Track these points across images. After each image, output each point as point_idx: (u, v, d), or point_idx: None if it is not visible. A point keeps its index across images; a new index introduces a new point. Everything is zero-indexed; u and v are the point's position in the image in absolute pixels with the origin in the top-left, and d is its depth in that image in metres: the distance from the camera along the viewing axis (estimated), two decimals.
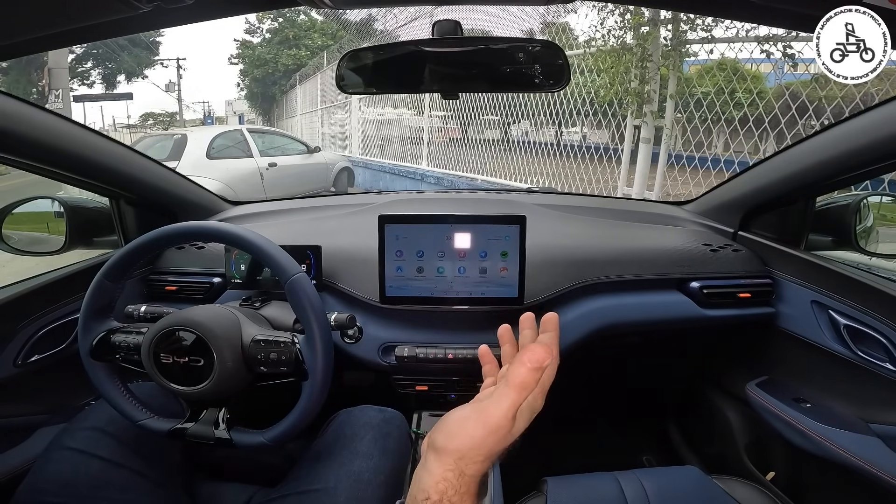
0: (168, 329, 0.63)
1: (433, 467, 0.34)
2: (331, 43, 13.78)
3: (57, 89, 8.81)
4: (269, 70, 16.92)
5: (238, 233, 0.67)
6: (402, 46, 0.68)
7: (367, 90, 0.74)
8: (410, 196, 1.34)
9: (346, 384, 1.12)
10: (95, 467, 0.64)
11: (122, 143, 0.98)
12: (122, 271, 0.69)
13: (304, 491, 0.67)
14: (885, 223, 1.01)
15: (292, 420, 0.65)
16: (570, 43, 3.93)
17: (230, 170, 4.74)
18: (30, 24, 0.47)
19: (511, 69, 0.67)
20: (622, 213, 1.20)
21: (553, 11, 4.02)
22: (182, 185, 1.12)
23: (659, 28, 3.06)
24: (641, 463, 1.30)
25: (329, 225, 1.14)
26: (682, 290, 0.95)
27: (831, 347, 0.84)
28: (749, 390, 0.96)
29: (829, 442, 0.79)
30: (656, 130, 3.19)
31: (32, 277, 0.85)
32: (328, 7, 0.53)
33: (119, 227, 1.02)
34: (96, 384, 0.68)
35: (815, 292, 0.88)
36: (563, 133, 4.33)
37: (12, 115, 0.71)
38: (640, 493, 0.73)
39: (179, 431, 0.66)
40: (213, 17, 0.58)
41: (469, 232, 0.83)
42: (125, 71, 18.87)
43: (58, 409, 0.88)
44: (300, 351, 0.64)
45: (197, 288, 0.96)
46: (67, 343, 0.86)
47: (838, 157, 0.79)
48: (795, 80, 2.64)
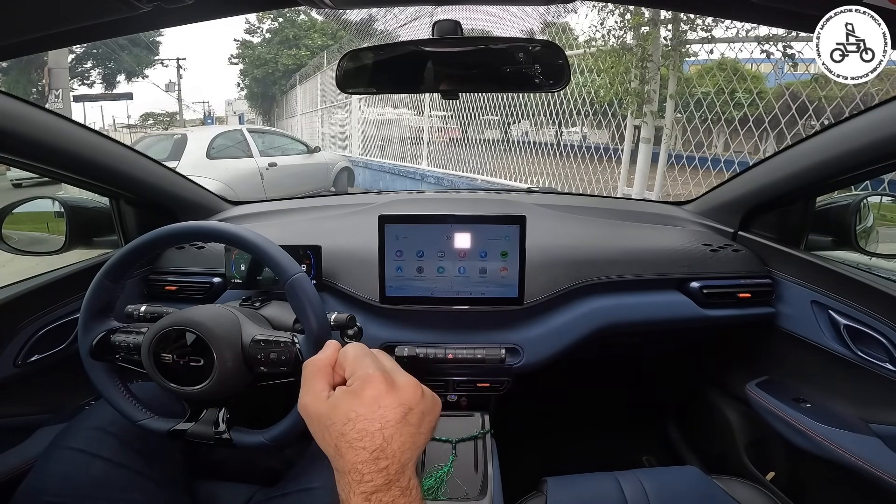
0: (168, 329, 0.63)
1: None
2: (331, 43, 13.79)
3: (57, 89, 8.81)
4: (269, 70, 16.93)
5: (238, 233, 0.67)
6: (402, 46, 0.68)
7: (367, 90, 0.74)
8: (410, 196, 1.34)
9: None
10: (96, 467, 0.64)
11: (122, 143, 0.98)
12: (122, 271, 0.69)
13: (303, 489, 0.67)
14: (885, 223, 1.01)
15: (292, 420, 0.65)
16: (571, 43, 3.93)
17: (230, 170, 4.74)
18: (30, 24, 0.47)
19: (511, 69, 0.67)
20: (622, 213, 1.20)
21: (553, 11, 4.02)
22: (182, 185, 1.12)
23: (659, 28, 3.06)
24: (641, 463, 1.30)
25: (329, 225, 1.14)
26: (683, 290, 0.95)
27: (831, 347, 0.84)
28: (749, 390, 0.96)
29: (829, 442, 0.79)
30: (656, 130, 3.19)
31: (32, 277, 0.85)
32: (328, 7, 0.53)
33: (119, 227, 1.02)
34: (96, 384, 0.68)
35: (815, 292, 0.88)
36: (563, 133, 4.33)
37: (12, 115, 0.71)
38: (640, 493, 0.73)
39: (179, 431, 0.66)
40: (213, 17, 0.58)
41: (469, 232, 0.83)
42: (125, 71, 18.88)
43: (58, 409, 0.88)
44: (300, 351, 0.64)
45: (197, 288, 0.96)
46: (67, 343, 0.86)
47: (838, 157, 0.79)
48: (795, 80, 2.64)
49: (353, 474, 0.32)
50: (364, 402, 0.33)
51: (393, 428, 0.33)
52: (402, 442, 0.33)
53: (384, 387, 0.34)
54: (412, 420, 0.34)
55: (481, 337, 0.87)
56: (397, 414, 0.33)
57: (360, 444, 0.32)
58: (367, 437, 0.32)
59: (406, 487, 0.33)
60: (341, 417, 0.33)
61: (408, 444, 0.33)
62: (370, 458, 0.32)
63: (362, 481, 0.32)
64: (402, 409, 0.33)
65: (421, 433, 0.34)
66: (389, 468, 0.32)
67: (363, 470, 0.32)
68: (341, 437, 0.33)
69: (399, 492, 0.32)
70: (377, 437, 0.32)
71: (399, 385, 0.35)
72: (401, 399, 0.34)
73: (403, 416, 0.33)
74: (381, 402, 0.33)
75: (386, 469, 0.32)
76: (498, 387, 0.89)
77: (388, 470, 0.32)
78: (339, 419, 0.33)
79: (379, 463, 0.32)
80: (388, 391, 0.34)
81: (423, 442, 0.35)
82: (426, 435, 0.35)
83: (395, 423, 0.33)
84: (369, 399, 0.33)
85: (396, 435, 0.33)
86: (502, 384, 0.89)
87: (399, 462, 0.32)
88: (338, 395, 0.35)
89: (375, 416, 0.33)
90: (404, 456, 0.33)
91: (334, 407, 0.34)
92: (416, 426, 0.34)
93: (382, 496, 0.32)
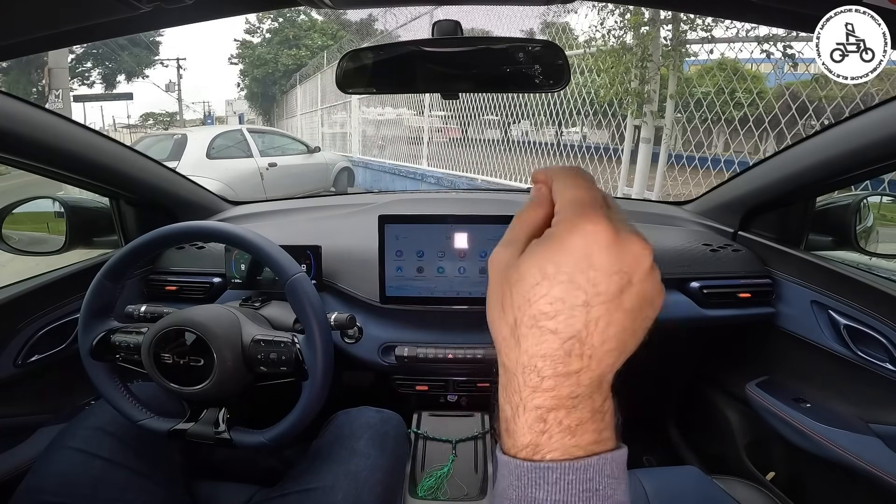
0: (168, 329, 0.63)
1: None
2: (331, 43, 13.78)
3: (57, 89, 8.80)
4: (269, 70, 16.92)
5: (238, 233, 0.67)
6: (402, 46, 0.68)
7: (367, 90, 0.74)
8: (410, 196, 1.34)
9: (345, 384, 1.12)
10: (96, 467, 0.64)
11: (122, 143, 0.98)
12: (123, 271, 0.69)
13: (303, 490, 0.67)
14: (885, 223, 1.01)
15: (292, 420, 0.65)
16: (570, 43, 3.93)
17: (230, 170, 4.74)
18: (30, 24, 0.47)
19: (511, 69, 0.67)
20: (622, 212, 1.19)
21: (553, 11, 4.02)
22: (182, 185, 1.12)
23: (659, 28, 3.06)
24: (641, 463, 1.30)
25: (329, 225, 1.14)
26: (683, 290, 0.95)
27: (831, 347, 0.84)
28: (749, 390, 0.96)
29: (829, 442, 0.79)
30: (656, 130, 3.19)
31: (32, 277, 0.85)
32: (328, 7, 0.53)
33: (119, 227, 1.02)
34: (96, 384, 0.68)
35: (815, 292, 0.88)
36: (563, 133, 4.33)
37: (12, 115, 0.71)
38: (640, 493, 0.73)
39: (179, 431, 0.66)
40: (213, 17, 0.58)
41: (469, 232, 0.83)
42: (125, 71, 18.87)
43: (58, 409, 0.88)
44: (300, 351, 0.64)
45: (197, 288, 0.96)
46: (67, 343, 0.86)
47: (838, 157, 0.79)
48: (795, 80, 2.64)
49: (529, 374, 0.22)
50: (570, 253, 0.21)
51: (603, 306, 0.21)
52: (609, 335, 0.21)
53: (605, 236, 0.21)
54: (630, 302, 0.22)
55: (481, 337, 0.87)
56: (614, 284, 0.21)
57: (551, 323, 0.21)
58: (563, 311, 0.21)
59: (598, 410, 0.22)
60: (533, 273, 0.22)
61: (614, 342, 0.22)
62: (560, 350, 0.21)
63: (538, 388, 0.21)
64: (620, 277, 0.21)
65: (635, 327, 0.22)
66: (582, 375, 0.21)
67: (544, 371, 0.21)
68: (526, 306, 0.22)
69: (588, 414, 0.22)
70: (578, 315, 0.21)
71: (625, 240, 0.22)
72: (623, 263, 0.21)
73: (620, 292, 0.21)
74: (595, 259, 0.21)
75: (577, 376, 0.21)
76: (498, 387, 0.89)
77: (580, 378, 0.21)
78: (528, 275, 0.22)
79: (570, 363, 0.21)
80: (610, 245, 0.21)
81: (634, 344, 0.23)
82: (640, 333, 0.23)
83: (609, 298, 0.21)
84: (578, 250, 0.21)
85: (604, 318, 0.21)
86: None
87: (597, 369, 0.22)
88: (533, 244, 0.23)
89: (582, 279, 0.21)
90: (606, 360, 0.22)
91: (526, 257, 0.22)
92: (633, 312, 0.22)
93: (564, 417, 0.21)
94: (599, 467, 0.21)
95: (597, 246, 0.21)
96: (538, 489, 0.21)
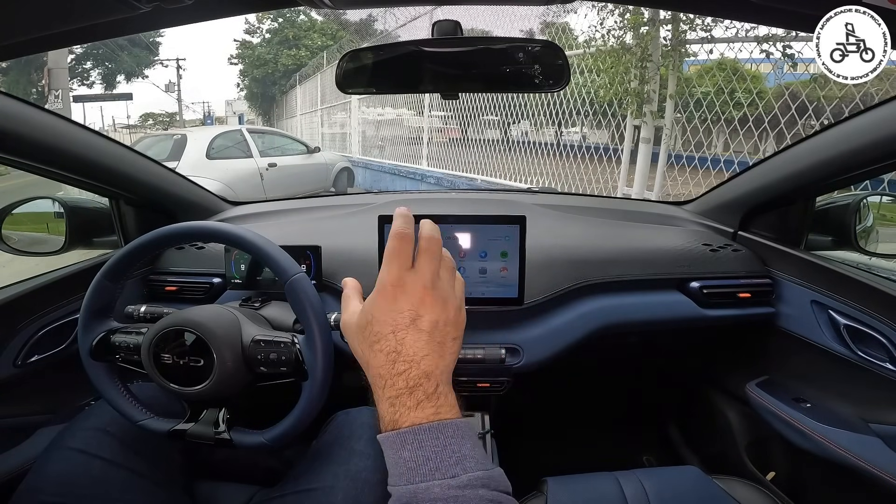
0: (168, 329, 0.63)
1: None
2: (331, 43, 13.79)
3: (57, 89, 8.80)
4: (269, 70, 16.93)
5: (238, 233, 0.67)
6: (402, 46, 0.68)
7: (367, 90, 0.74)
8: (410, 196, 1.34)
9: (345, 384, 1.12)
10: (96, 467, 0.64)
11: (122, 144, 0.98)
12: (122, 271, 0.69)
13: (302, 490, 0.67)
14: (885, 223, 1.01)
15: (292, 420, 0.65)
16: (570, 43, 3.94)
17: (230, 170, 4.74)
18: (30, 24, 0.47)
19: (511, 69, 0.67)
20: (622, 213, 1.19)
21: (553, 11, 4.03)
22: (182, 185, 1.12)
23: (659, 28, 3.07)
24: (641, 463, 1.30)
25: (329, 225, 1.14)
26: (682, 290, 0.95)
27: (831, 347, 0.84)
28: (749, 390, 0.96)
29: (830, 442, 0.79)
30: (656, 130, 3.19)
31: (32, 277, 0.85)
32: (328, 7, 0.53)
33: (119, 227, 1.02)
34: (96, 384, 0.68)
35: (815, 292, 0.88)
36: (562, 133, 4.33)
37: (12, 116, 0.71)
38: (640, 493, 0.73)
39: (179, 432, 0.66)
40: (213, 17, 0.58)
41: (469, 232, 0.83)
42: (125, 71, 18.89)
43: (58, 409, 0.88)
44: (300, 351, 0.64)
45: (197, 288, 0.96)
46: (67, 343, 0.86)
47: (838, 157, 0.79)
48: (795, 80, 2.64)
49: (378, 380, 0.33)
50: (378, 306, 0.35)
51: (403, 331, 0.33)
52: (417, 347, 0.33)
53: (391, 291, 0.34)
54: (423, 326, 0.34)
55: (481, 337, 0.87)
56: (407, 317, 0.34)
57: (378, 346, 0.34)
58: (382, 339, 0.33)
59: (432, 394, 0.32)
60: (367, 317, 0.35)
61: (425, 351, 0.33)
62: (387, 360, 0.33)
63: (385, 386, 0.33)
64: (411, 312, 0.34)
65: (437, 341, 0.34)
66: (409, 373, 0.32)
67: (385, 375, 0.33)
68: (364, 340, 0.35)
69: (424, 397, 0.32)
70: (391, 339, 0.33)
71: (408, 290, 0.35)
72: (410, 304, 0.34)
73: (413, 321, 0.34)
74: (393, 305, 0.34)
75: (405, 373, 0.32)
76: (498, 387, 0.89)
77: (408, 375, 0.32)
78: (364, 319, 0.35)
79: (397, 366, 0.32)
80: (396, 296, 0.34)
81: (448, 353, 0.35)
82: (448, 346, 0.35)
83: (406, 325, 0.33)
84: (382, 302, 0.35)
85: (409, 339, 0.33)
86: (502, 384, 0.89)
87: (420, 368, 0.33)
88: (366, 300, 0.37)
89: (388, 318, 0.34)
90: (424, 363, 0.33)
91: (362, 311, 0.36)
92: (428, 332, 0.34)
93: (406, 400, 0.32)
94: (441, 429, 0.31)
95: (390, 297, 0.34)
96: (402, 449, 0.31)
